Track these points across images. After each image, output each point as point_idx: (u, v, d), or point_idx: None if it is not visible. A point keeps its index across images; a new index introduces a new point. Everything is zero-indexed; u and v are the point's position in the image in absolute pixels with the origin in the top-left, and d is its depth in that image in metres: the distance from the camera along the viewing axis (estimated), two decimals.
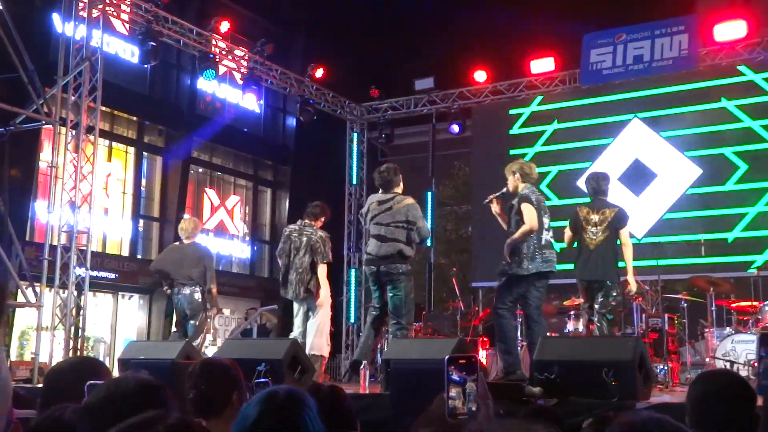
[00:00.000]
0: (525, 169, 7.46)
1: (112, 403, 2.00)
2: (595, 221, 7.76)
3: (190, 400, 3.16)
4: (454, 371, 2.12)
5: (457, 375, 2.12)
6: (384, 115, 15.89)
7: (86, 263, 10.83)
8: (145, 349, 7.34)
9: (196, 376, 3.24)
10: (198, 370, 3.29)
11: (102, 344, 17.78)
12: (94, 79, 11.12)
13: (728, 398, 2.15)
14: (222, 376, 3.26)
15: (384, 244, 7.47)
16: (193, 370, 3.31)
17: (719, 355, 9.07)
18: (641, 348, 5.88)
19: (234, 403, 3.12)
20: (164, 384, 2.31)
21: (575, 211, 7.93)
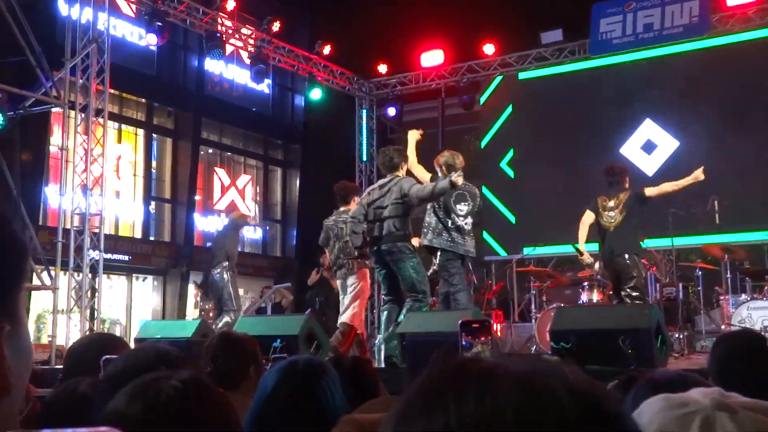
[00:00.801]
0: (449, 160, 7.86)
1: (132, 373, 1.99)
2: (611, 206, 8.41)
3: (208, 374, 3.15)
4: (467, 336, 2.13)
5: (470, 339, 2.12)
6: (393, 91, 15.80)
7: (100, 246, 10.87)
8: (161, 329, 7.38)
9: (214, 350, 3.23)
10: (215, 344, 3.27)
11: (117, 326, 17.89)
12: (101, 61, 11.09)
13: (753, 356, 2.14)
14: (239, 349, 3.25)
15: (383, 223, 7.44)
16: (211, 344, 3.30)
17: (735, 322, 9.04)
18: (658, 315, 5.86)
19: (251, 378, 3.11)
20: (180, 353, 2.30)
21: (595, 200, 8.59)
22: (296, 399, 2.15)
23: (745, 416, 0.97)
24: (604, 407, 0.64)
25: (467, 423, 0.61)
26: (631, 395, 1.56)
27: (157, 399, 1.43)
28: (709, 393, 1.00)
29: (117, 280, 18.06)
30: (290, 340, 6.46)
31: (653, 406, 1.02)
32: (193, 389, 1.47)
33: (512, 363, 0.66)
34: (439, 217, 7.70)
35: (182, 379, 1.46)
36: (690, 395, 1.01)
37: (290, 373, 2.21)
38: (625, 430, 0.65)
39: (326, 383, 2.26)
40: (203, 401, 1.48)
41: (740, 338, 2.33)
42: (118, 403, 1.47)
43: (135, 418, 1.42)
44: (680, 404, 1.00)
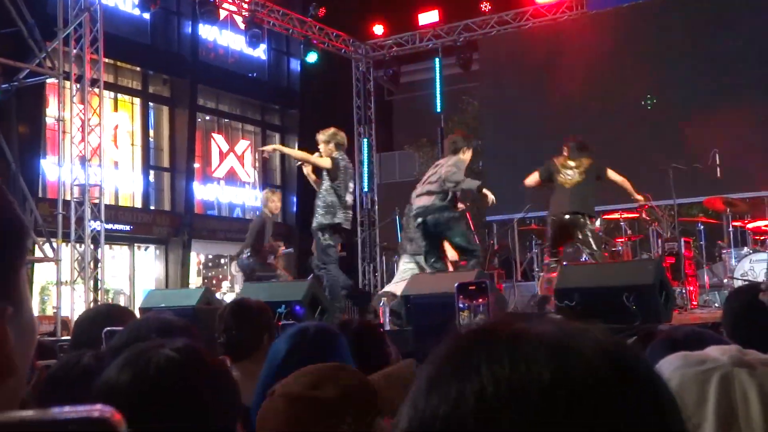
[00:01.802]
0: (338, 138, 8.19)
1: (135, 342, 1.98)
2: (571, 165, 8.42)
3: (221, 344, 3.13)
4: (464, 298, 2.12)
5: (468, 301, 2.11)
6: (389, 52, 15.67)
7: (100, 216, 10.86)
8: (165, 298, 7.40)
9: (227, 318, 3.17)
10: (228, 313, 3.22)
11: (122, 296, 17.97)
12: (94, 30, 10.98)
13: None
14: (253, 317, 3.19)
15: (428, 197, 7.81)
16: (224, 313, 3.24)
17: (737, 275, 9.06)
18: (661, 271, 5.87)
19: (265, 346, 3.07)
20: (185, 322, 2.30)
21: (551, 160, 8.59)
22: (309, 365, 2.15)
23: (764, 372, 0.96)
24: (636, 368, 0.64)
25: (503, 387, 0.60)
26: (648, 351, 1.55)
27: (147, 368, 1.41)
28: (727, 350, 0.99)
29: (119, 250, 18.08)
30: (294, 305, 6.47)
31: (672, 363, 1.01)
32: (187, 358, 1.44)
33: (541, 326, 0.65)
34: (339, 195, 8.05)
35: (176, 347, 1.44)
36: (708, 353, 1.00)
37: (302, 340, 2.21)
38: (656, 389, 0.64)
39: (338, 349, 2.26)
40: (197, 370, 1.45)
41: (756, 291, 2.31)
42: (110, 374, 1.45)
43: (125, 388, 1.40)
44: (699, 361, 0.99)
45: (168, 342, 1.45)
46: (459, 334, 0.67)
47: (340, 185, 8.07)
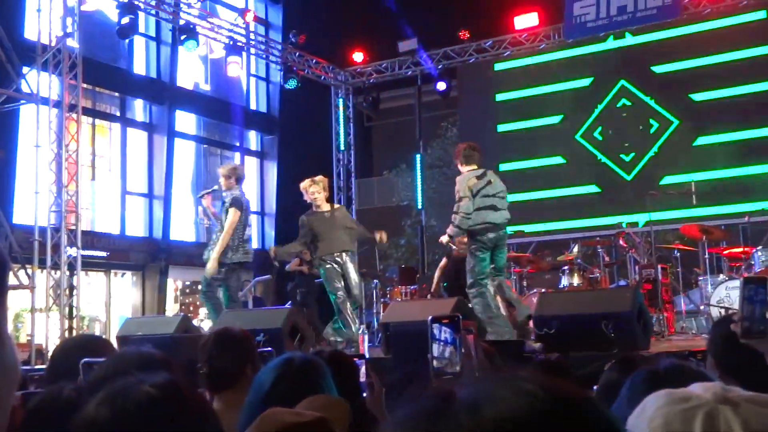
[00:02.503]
0: (238, 172, 8.41)
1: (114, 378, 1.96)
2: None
3: (204, 374, 3.08)
4: (439, 331, 2.12)
5: (442, 335, 2.11)
6: (369, 80, 15.75)
7: (77, 243, 10.76)
8: (142, 326, 7.33)
9: (210, 348, 3.13)
10: (212, 342, 3.17)
11: (97, 323, 17.76)
12: (73, 55, 10.95)
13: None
14: (237, 347, 3.14)
15: (500, 212, 7.57)
16: (207, 343, 3.19)
17: (714, 302, 9.11)
18: (639, 299, 5.90)
19: (248, 375, 3.02)
20: (167, 356, 2.27)
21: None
22: (294, 397, 2.13)
23: (747, 409, 0.97)
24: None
25: None
26: (627, 383, 1.55)
27: (126, 405, 1.39)
28: (710, 387, 1.00)
29: (95, 277, 17.90)
30: (273, 333, 6.43)
31: (656, 401, 1.01)
32: (167, 395, 1.42)
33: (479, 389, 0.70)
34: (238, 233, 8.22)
35: (156, 384, 1.42)
36: (692, 390, 1.01)
37: (287, 371, 2.19)
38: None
39: (322, 380, 2.25)
40: (177, 407, 1.43)
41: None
42: (89, 410, 1.43)
43: (104, 425, 1.38)
44: (682, 399, 0.99)
45: (148, 377, 1.43)
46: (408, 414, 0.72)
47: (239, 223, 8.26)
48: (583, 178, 13.34)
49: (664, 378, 1.46)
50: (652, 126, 12.98)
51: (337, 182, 16.00)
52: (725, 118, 12.31)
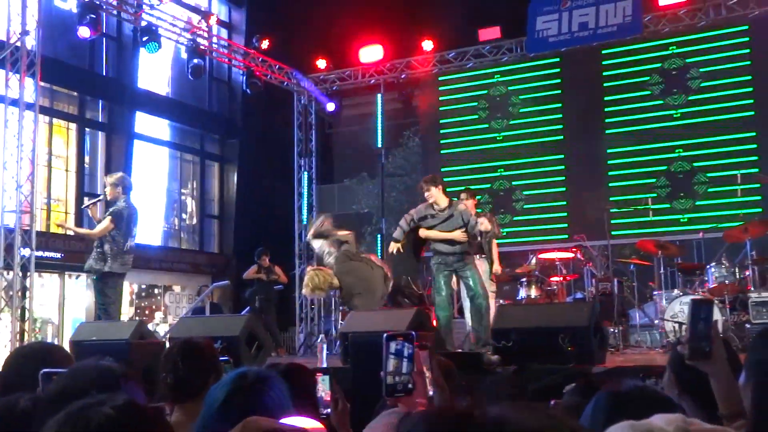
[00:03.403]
0: (125, 181, 8.60)
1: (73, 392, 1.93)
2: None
3: (168, 384, 3.04)
4: (392, 348, 2.12)
5: (395, 351, 2.11)
6: (331, 87, 15.74)
7: (31, 243, 10.57)
8: (97, 330, 7.21)
9: (174, 359, 3.10)
10: (177, 353, 3.15)
11: (50, 325, 17.45)
12: (31, 54, 10.77)
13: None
14: (201, 357, 3.14)
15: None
16: (171, 353, 3.17)
17: (668, 316, 9.27)
18: (596, 313, 5.97)
19: (210, 386, 3.02)
20: (126, 370, 2.24)
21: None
22: (246, 413, 2.12)
23: None
24: None
25: None
26: (590, 406, 1.57)
27: (87, 427, 1.38)
28: (672, 420, 1.02)
29: (49, 278, 17.59)
30: (231, 341, 6.38)
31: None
32: (127, 416, 1.42)
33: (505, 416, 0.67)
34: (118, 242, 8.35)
35: (115, 405, 1.41)
36: (654, 422, 1.02)
37: (240, 386, 2.18)
38: None
39: (276, 395, 2.23)
40: (137, 427, 1.43)
41: None
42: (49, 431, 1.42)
43: None
44: None
45: (108, 398, 1.42)
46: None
47: (119, 233, 8.35)
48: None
49: (627, 401, 1.48)
50: None
51: (298, 188, 15.95)
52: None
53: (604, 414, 1.44)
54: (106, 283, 8.35)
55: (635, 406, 1.34)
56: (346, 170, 21.99)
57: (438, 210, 8.25)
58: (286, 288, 13.82)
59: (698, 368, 1.94)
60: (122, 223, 8.33)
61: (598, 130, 13.18)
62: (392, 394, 2.08)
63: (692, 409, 2.02)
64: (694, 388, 2.10)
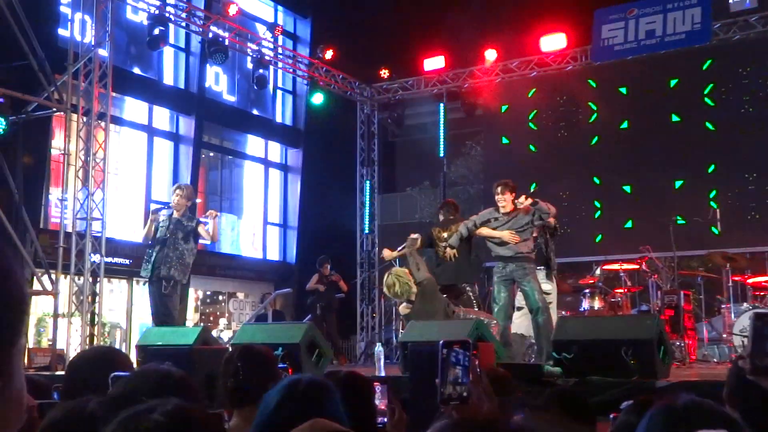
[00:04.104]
0: (194, 195, 9.24)
1: (133, 395, 1.98)
2: (444, 237, 8.90)
3: (228, 389, 3.09)
4: (449, 356, 2.10)
5: (452, 359, 2.10)
6: (394, 96, 15.80)
7: (101, 250, 10.86)
8: (162, 336, 7.36)
9: (235, 365, 3.15)
10: (237, 358, 3.20)
11: (118, 330, 17.87)
12: (104, 65, 11.09)
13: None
14: (261, 363, 3.19)
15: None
16: (231, 358, 3.22)
17: (736, 331, 9.02)
18: (660, 326, 5.85)
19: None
20: (186, 374, 2.29)
21: (430, 230, 9.27)
22: (298, 420, 2.14)
23: None
24: None
25: None
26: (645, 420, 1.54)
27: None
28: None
29: (117, 284, 18.03)
30: (292, 348, 6.44)
31: None
32: (176, 421, 1.44)
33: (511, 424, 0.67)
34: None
35: (166, 411, 1.44)
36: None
37: (292, 393, 2.20)
38: None
39: (328, 403, 2.24)
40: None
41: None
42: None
43: None
44: None
45: (160, 404, 1.45)
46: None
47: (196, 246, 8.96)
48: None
49: (683, 416, 1.45)
50: None
51: (361, 197, 16.03)
52: None
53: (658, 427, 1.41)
54: (177, 293, 8.70)
55: (690, 419, 1.31)
56: (409, 179, 22.00)
57: (502, 214, 8.23)
58: (348, 296, 13.89)
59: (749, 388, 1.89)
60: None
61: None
62: (447, 402, 2.07)
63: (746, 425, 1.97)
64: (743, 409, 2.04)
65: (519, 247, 8.07)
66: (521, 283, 8.04)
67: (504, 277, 8.13)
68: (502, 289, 8.10)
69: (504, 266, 8.14)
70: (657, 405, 1.56)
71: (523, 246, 8.09)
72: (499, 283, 8.16)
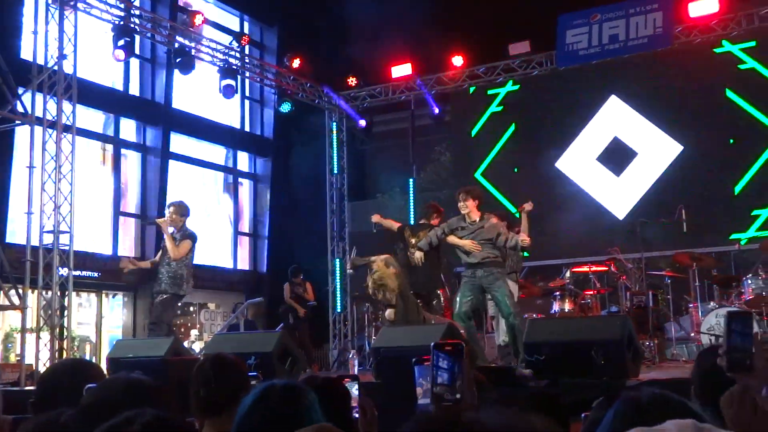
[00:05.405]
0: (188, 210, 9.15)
1: (104, 405, 1.98)
2: (412, 243, 8.89)
3: (200, 398, 3.08)
4: (440, 358, 2.12)
5: (443, 362, 2.11)
6: (363, 104, 15.84)
7: (69, 263, 10.75)
8: (133, 348, 7.31)
9: (206, 374, 3.14)
10: (209, 368, 3.18)
11: (88, 344, 17.67)
12: (68, 77, 10.99)
13: None
14: (232, 373, 3.18)
15: None
16: (202, 367, 3.21)
17: (704, 329, 9.16)
18: (629, 326, 5.92)
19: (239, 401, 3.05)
20: (155, 383, 2.29)
21: (402, 228, 9.45)
22: (275, 423, 2.15)
23: None
24: None
25: None
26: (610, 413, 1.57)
27: None
28: (684, 426, 1.03)
29: (86, 297, 17.84)
30: (264, 356, 6.43)
31: None
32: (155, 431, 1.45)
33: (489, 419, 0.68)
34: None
35: (144, 422, 1.44)
36: (666, 428, 1.04)
37: (266, 396, 2.21)
38: None
39: (305, 406, 2.25)
40: None
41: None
42: None
43: None
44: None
45: (138, 415, 1.46)
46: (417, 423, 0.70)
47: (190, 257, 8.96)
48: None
49: (647, 408, 1.48)
50: None
51: (331, 205, 16.03)
52: None
53: (621, 421, 1.45)
54: (172, 305, 8.90)
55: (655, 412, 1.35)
56: (378, 186, 22.02)
57: (469, 222, 8.27)
58: (320, 304, 13.87)
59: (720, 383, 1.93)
60: (194, 246, 8.91)
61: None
62: (439, 403, 2.09)
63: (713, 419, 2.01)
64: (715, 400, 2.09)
65: (485, 251, 8.11)
66: (491, 289, 8.07)
67: (471, 283, 8.14)
68: (463, 294, 8.12)
69: (472, 273, 8.17)
70: (622, 398, 1.59)
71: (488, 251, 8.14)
72: (462, 288, 8.19)
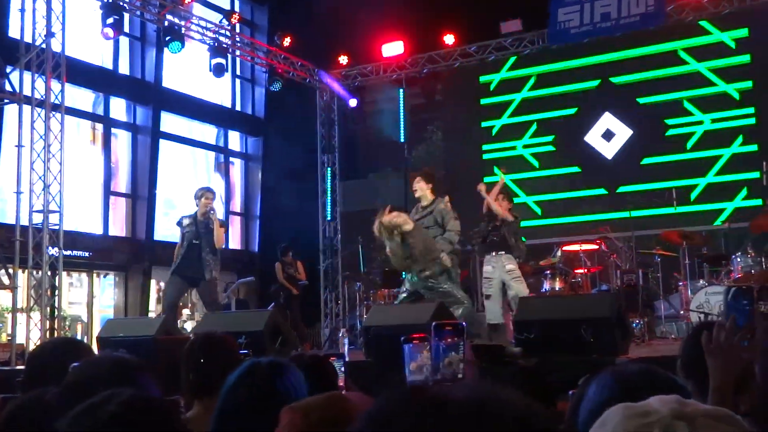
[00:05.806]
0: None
1: (88, 383, 1.98)
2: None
3: (191, 380, 3.06)
4: (440, 337, 2.13)
5: (444, 341, 2.12)
6: (353, 83, 15.77)
7: (59, 243, 10.71)
8: (123, 327, 7.31)
9: (196, 353, 3.12)
10: (198, 348, 3.16)
11: (79, 323, 17.66)
12: (57, 56, 10.90)
13: None
14: (222, 351, 3.15)
15: None
16: (192, 347, 3.19)
17: (693, 307, 9.19)
18: (619, 304, 5.95)
19: None
20: (140, 362, 2.28)
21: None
22: (256, 398, 2.16)
23: (703, 424, 0.99)
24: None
25: None
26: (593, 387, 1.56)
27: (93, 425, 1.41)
28: (667, 401, 1.02)
29: (77, 277, 17.81)
30: (255, 335, 6.43)
31: (615, 415, 1.04)
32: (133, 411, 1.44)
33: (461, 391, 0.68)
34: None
35: (122, 401, 1.43)
36: (650, 404, 1.03)
37: (252, 373, 2.22)
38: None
39: (290, 382, 2.26)
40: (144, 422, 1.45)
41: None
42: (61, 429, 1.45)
43: None
44: (641, 414, 1.01)
45: (115, 394, 1.44)
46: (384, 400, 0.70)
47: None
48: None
49: (632, 383, 1.47)
50: None
51: (322, 185, 16.00)
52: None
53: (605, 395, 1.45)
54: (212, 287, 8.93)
55: (638, 388, 1.35)
56: (370, 166, 21.97)
57: (422, 206, 7.96)
58: (311, 283, 13.88)
59: None
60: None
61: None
62: (440, 382, 2.09)
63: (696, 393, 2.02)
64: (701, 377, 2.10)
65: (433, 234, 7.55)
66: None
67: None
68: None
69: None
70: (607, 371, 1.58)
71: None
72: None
